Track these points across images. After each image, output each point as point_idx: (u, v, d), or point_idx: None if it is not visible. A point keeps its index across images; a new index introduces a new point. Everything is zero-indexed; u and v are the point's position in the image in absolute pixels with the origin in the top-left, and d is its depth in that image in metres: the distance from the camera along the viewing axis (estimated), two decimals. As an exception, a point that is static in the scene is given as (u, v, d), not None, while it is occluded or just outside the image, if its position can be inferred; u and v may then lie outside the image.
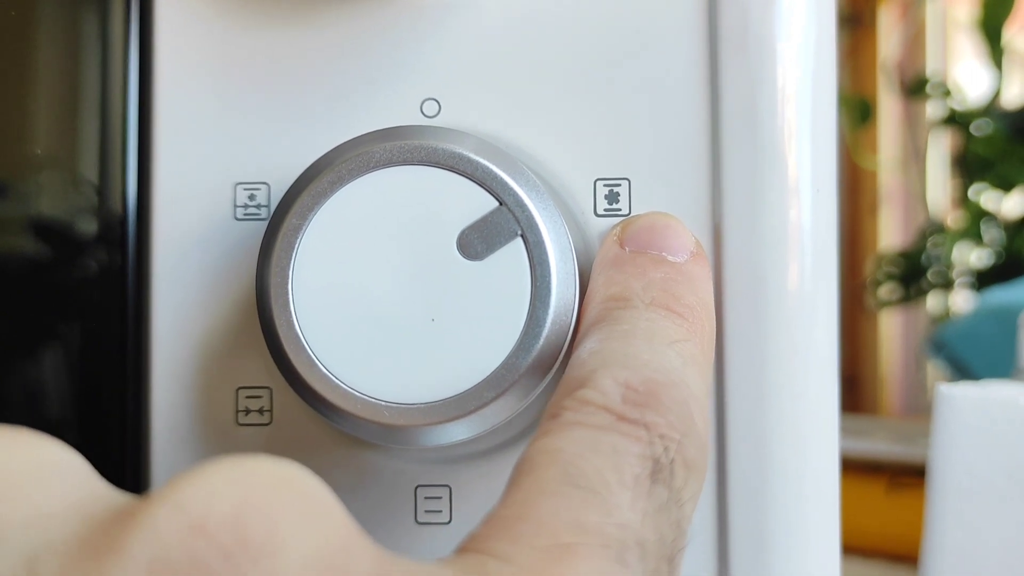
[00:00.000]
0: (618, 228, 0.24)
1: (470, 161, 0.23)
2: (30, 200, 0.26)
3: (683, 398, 0.21)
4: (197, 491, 0.16)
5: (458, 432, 0.23)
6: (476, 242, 0.23)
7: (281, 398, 0.25)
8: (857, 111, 1.49)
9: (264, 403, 0.25)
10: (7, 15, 0.26)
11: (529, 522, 0.18)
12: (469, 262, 0.23)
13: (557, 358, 0.23)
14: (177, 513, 0.16)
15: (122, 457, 0.25)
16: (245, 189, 0.25)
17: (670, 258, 0.24)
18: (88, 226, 0.26)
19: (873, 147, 1.67)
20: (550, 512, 0.18)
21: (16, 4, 0.26)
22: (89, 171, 0.26)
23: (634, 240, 0.24)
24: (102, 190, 0.26)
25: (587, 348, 0.22)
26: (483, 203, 0.23)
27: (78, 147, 0.26)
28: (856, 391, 1.67)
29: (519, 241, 0.23)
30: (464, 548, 0.18)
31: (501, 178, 0.23)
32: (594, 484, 0.19)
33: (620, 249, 0.24)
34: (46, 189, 0.26)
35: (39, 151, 0.26)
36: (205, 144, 0.25)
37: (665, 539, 0.19)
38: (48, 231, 0.26)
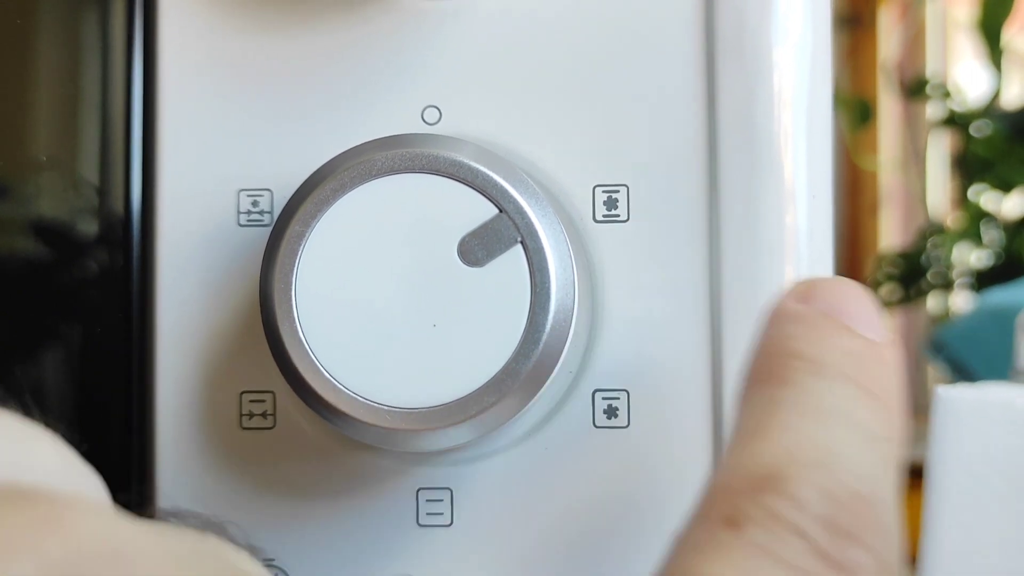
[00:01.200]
0: (798, 285, 0.21)
1: (470, 169, 0.23)
2: (33, 202, 0.26)
3: (888, 525, 0.17)
4: None
5: (459, 436, 0.23)
6: (476, 249, 0.23)
7: (284, 402, 0.25)
8: (857, 112, 1.49)
9: (267, 407, 0.26)
10: (9, 17, 0.26)
11: None
12: (470, 268, 0.23)
13: (556, 363, 0.23)
14: None
15: (127, 461, 0.26)
16: (248, 195, 0.26)
17: (865, 333, 0.20)
18: (91, 229, 0.26)
19: (873, 148, 1.67)
20: None
21: (19, 6, 0.26)
22: (90, 173, 0.26)
23: (822, 300, 0.20)
24: (103, 192, 0.26)
25: (767, 416, 0.18)
26: (483, 210, 0.23)
27: (79, 149, 0.26)
28: (856, 391, 1.66)
29: (519, 248, 0.23)
30: None
31: (501, 185, 0.23)
32: None
33: (803, 306, 0.20)
34: (49, 191, 0.26)
35: (41, 153, 0.26)
36: (208, 149, 0.26)
37: None
38: (53, 233, 0.26)
